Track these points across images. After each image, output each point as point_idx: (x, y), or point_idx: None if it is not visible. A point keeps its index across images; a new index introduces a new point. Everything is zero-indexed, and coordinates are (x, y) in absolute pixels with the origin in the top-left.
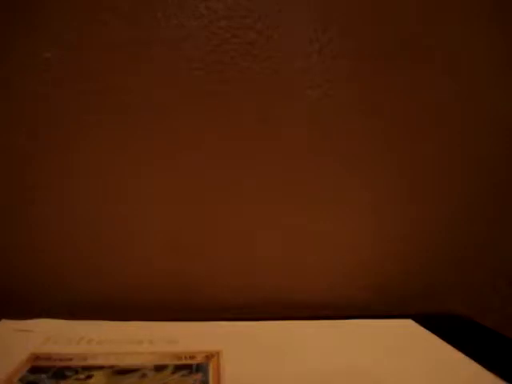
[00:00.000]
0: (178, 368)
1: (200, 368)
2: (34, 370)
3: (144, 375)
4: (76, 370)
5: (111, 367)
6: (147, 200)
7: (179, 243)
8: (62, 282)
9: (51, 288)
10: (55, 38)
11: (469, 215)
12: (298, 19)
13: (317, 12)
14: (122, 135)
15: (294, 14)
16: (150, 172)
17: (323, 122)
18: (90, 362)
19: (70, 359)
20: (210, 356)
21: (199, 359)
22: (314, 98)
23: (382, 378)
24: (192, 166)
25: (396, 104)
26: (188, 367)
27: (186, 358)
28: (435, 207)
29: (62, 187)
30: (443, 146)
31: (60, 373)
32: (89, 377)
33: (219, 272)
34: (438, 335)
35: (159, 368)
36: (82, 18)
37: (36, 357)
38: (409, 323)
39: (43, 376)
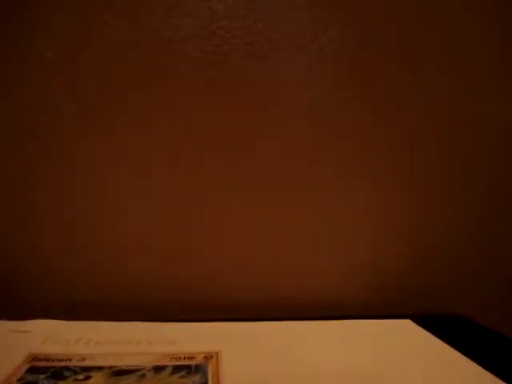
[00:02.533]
0: (176, 369)
1: (199, 369)
2: (33, 370)
3: (143, 376)
4: (75, 371)
5: (110, 368)
6: (147, 200)
7: (179, 243)
8: (62, 281)
9: (50, 288)
10: (55, 38)
11: (469, 215)
12: (298, 19)
13: (317, 12)
14: (121, 135)
15: (294, 14)
16: (149, 172)
17: (323, 121)
18: (89, 362)
19: (69, 360)
20: (208, 357)
21: (198, 360)
22: (314, 98)
23: (381, 377)
24: (192, 166)
25: (396, 104)
26: (187, 368)
27: (184, 358)
28: (435, 207)
29: (62, 187)
30: (443, 145)
31: (59, 373)
32: (87, 377)
33: (219, 272)
34: (437, 335)
35: (158, 369)
36: (82, 18)
37: (34, 357)
38: (408, 323)
39: (42, 376)
